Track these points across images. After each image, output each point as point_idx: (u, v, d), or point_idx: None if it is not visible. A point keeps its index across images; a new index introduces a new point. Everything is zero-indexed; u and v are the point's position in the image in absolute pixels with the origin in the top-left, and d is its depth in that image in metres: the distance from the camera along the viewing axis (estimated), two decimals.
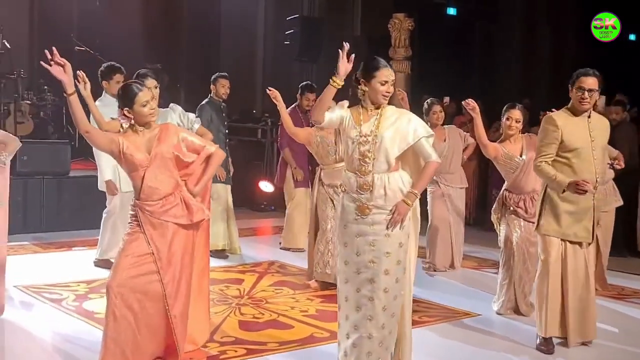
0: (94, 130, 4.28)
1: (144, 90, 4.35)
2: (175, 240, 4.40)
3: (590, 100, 5.05)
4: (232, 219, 8.01)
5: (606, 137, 5.21)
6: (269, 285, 6.84)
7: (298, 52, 12.19)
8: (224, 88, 7.91)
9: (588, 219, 5.16)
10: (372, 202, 4.29)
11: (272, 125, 11.52)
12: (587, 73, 5.08)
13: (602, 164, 5.18)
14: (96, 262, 7.25)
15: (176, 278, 4.41)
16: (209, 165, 4.59)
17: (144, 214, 4.33)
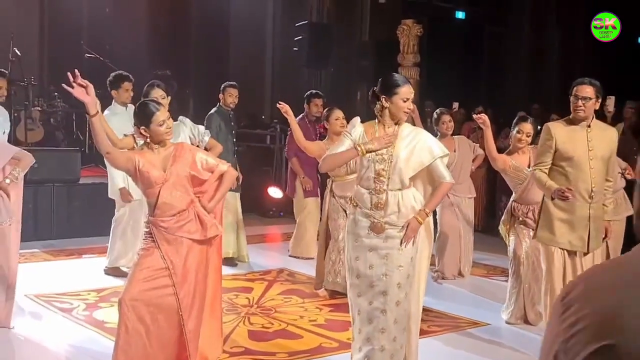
0: (114, 150, 4.30)
1: (161, 109, 4.39)
2: (190, 256, 4.43)
3: (586, 108, 5.05)
4: (241, 227, 8.05)
5: (609, 148, 5.15)
6: (278, 294, 6.86)
7: (306, 58, 12.23)
8: (232, 97, 7.95)
9: (583, 229, 5.14)
10: (385, 219, 4.34)
11: (280, 131, 11.53)
12: (583, 82, 5.12)
13: (599, 174, 5.10)
14: (106, 270, 7.29)
15: (191, 293, 4.43)
16: (222, 183, 4.62)
17: (158, 230, 4.36)
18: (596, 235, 5.19)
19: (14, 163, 5.29)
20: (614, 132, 5.28)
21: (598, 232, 5.21)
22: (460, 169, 7.73)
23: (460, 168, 7.72)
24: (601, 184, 5.13)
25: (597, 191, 5.11)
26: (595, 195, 5.11)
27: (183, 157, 4.41)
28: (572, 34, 16.08)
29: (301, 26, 12.59)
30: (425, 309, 6.40)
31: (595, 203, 5.12)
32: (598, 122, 5.29)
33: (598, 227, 5.20)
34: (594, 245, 5.18)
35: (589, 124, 5.13)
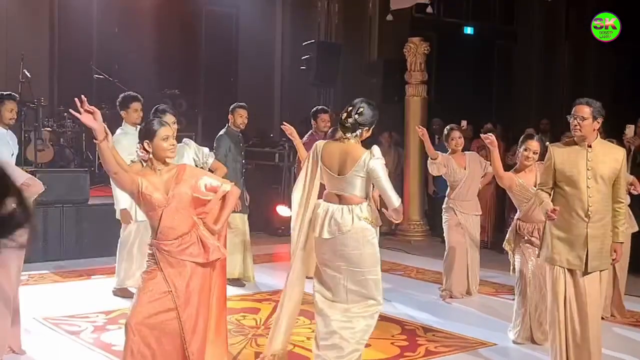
0: (121, 172, 4.32)
1: (166, 126, 4.44)
2: (193, 279, 4.44)
3: (582, 127, 5.09)
4: (247, 248, 8.06)
5: (611, 168, 5.13)
6: None
7: (314, 76, 12.28)
8: (242, 118, 7.97)
9: (580, 248, 5.12)
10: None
11: (289, 150, 11.56)
12: (580, 102, 5.18)
13: (599, 194, 5.09)
14: (115, 291, 7.32)
15: (194, 315, 4.44)
16: (226, 203, 4.63)
17: (161, 253, 4.38)
18: (598, 255, 5.15)
19: (24, 189, 5.31)
20: (619, 152, 5.26)
21: (601, 252, 5.16)
22: (469, 185, 7.73)
23: (469, 185, 7.73)
24: (601, 203, 5.12)
25: (594, 210, 5.09)
26: (593, 214, 5.09)
27: (185, 179, 4.43)
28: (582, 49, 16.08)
29: (309, 45, 12.65)
30: (433, 329, 6.47)
31: (594, 223, 5.11)
32: (603, 142, 5.31)
33: (601, 247, 5.16)
34: (595, 265, 5.14)
35: (589, 144, 5.14)
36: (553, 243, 5.20)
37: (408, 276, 8.90)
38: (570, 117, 5.17)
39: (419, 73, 11.41)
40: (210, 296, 4.62)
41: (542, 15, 15.55)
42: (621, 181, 5.20)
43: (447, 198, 7.82)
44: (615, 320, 7.03)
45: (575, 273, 5.18)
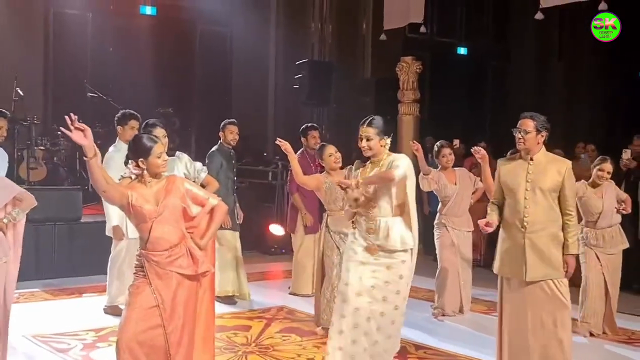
0: (109, 188, 4.30)
1: (158, 142, 4.45)
2: (179, 291, 4.43)
3: (525, 141, 5.21)
4: (240, 266, 8.04)
5: (553, 180, 5.19)
6: (277, 332, 6.84)
7: (307, 95, 12.31)
8: (233, 134, 7.98)
9: (520, 257, 5.21)
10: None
11: (282, 168, 11.57)
12: (524, 116, 5.32)
13: (536, 206, 5.18)
14: (105, 309, 7.29)
15: (179, 328, 4.43)
16: (213, 218, 4.63)
17: (149, 263, 4.37)
18: (540, 265, 5.19)
19: (17, 204, 5.29)
20: (563, 164, 5.25)
21: (543, 262, 5.19)
22: (460, 201, 7.75)
23: (460, 200, 7.75)
24: (540, 214, 5.19)
25: (532, 221, 5.18)
26: (531, 225, 5.19)
27: (174, 190, 4.43)
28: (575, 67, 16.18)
29: (302, 64, 12.69)
30: (425, 347, 6.46)
31: (532, 233, 5.19)
32: (549, 155, 5.37)
33: (542, 257, 5.20)
34: (536, 275, 5.19)
35: (531, 157, 5.25)
36: (499, 254, 5.39)
37: None
38: (515, 130, 5.28)
39: (411, 92, 11.45)
40: (196, 310, 4.61)
41: (534, 34, 15.63)
42: (567, 193, 5.22)
43: (438, 214, 7.84)
44: (606, 338, 7.02)
45: (521, 282, 5.26)
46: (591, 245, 7.05)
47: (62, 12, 13.40)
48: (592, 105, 15.53)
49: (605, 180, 7.05)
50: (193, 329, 4.58)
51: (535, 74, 16.17)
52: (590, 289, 7.04)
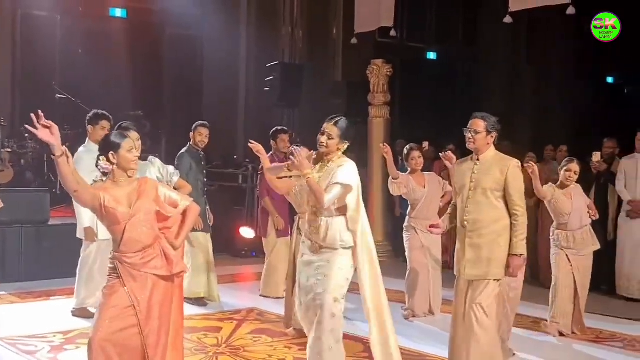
0: (81, 188, 4.24)
1: (128, 137, 4.41)
2: (155, 292, 4.39)
3: (475, 141, 5.29)
4: (211, 268, 8.02)
5: (496, 180, 5.23)
6: (248, 333, 6.82)
7: (278, 97, 12.30)
8: (202, 136, 7.95)
9: (462, 255, 5.34)
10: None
11: (253, 171, 11.55)
12: (476, 116, 5.39)
13: (478, 205, 5.24)
14: (74, 311, 7.21)
15: (156, 330, 4.38)
16: (186, 219, 4.59)
17: (123, 266, 4.32)
18: (478, 264, 5.26)
19: None
20: (507, 164, 5.27)
21: (482, 261, 5.25)
22: (429, 204, 7.78)
23: (429, 203, 7.78)
24: (481, 213, 5.24)
25: (472, 220, 5.25)
26: (471, 224, 5.25)
27: (147, 192, 4.38)
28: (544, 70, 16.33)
29: (273, 66, 12.69)
30: None
31: (473, 232, 5.26)
32: (498, 155, 5.39)
33: (481, 256, 5.26)
34: (473, 274, 5.28)
35: (478, 157, 5.32)
36: (453, 253, 5.52)
37: None
38: (466, 130, 5.34)
39: (382, 95, 11.49)
40: (170, 311, 4.57)
41: (504, 38, 15.76)
42: (511, 192, 5.23)
43: (408, 217, 7.88)
44: (575, 337, 7.09)
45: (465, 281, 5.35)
46: (562, 246, 7.11)
47: (30, 13, 13.26)
48: (562, 109, 15.69)
49: (573, 181, 7.12)
50: (168, 330, 4.53)
51: (504, 78, 16.29)
52: (560, 290, 7.09)
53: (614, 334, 7.25)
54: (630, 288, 8.79)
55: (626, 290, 8.82)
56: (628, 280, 8.82)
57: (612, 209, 9.14)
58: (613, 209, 9.13)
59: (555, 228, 7.20)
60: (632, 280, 8.79)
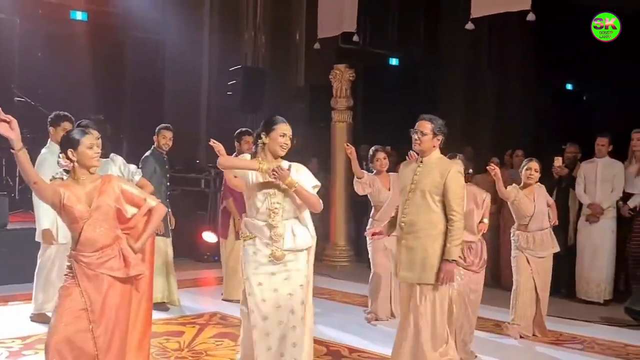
0: (41, 181, 4.19)
1: (89, 134, 4.36)
2: (110, 294, 4.33)
3: (421, 142, 5.28)
4: (171, 272, 7.96)
5: (434, 183, 5.22)
6: (210, 337, 6.78)
7: (241, 102, 12.27)
8: (165, 139, 7.92)
9: (397, 254, 5.37)
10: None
11: (215, 175, 11.50)
12: (423, 117, 5.37)
13: (416, 207, 5.24)
14: (32, 317, 7.11)
15: (108, 332, 4.32)
16: (150, 220, 4.53)
17: (79, 265, 4.27)
18: (411, 267, 5.24)
19: None
20: (448, 167, 5.28)
21: (415, 264, 5.23)
22: (393, 207, 7.77)
23: (393, 206, 7.77)
24: (417, 215, 5.24)
25: (409, 222, 5.25)
26: (407, 226, 5.25)
27: (109, 190, 4.33)
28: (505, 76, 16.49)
29: (235, 70, 12.65)
30: (358, 350, 6.47)
31: (408, 234, 5.26)
32: (442, 158, 5.38)
33: (414, 259, 5.24)
34: (406, 276, 5.27)
35: (421, 160, 5.33)
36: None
37: (333, 300, 8.90)
38: (412, 131, 5.34)
39: (344, 99, 11.51)
40: (130, 315, 4.51)
41: (465, 44, 15.88)
42: (449, 196, 5.21)
43: (371, 219, 7.87)
44: (536, 339, 7.15)
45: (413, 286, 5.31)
46: (522, 248, 7.17)
47: None
48: (522, 114, 15.86)
49: (534, 180, 7.19)
50: (125, 335, 4.47)
51: (465, 83, 16.42)
52: (521, 292, 7.15)
53: (574, 336, 7.33)
54: (589, 291, 8.90)
55: (585, 293, 8.93)
56: (587, 283, 8.92)
57: (573, 213, 9.24)
58: (574, 213, 9.23)
59: (515, 229, 7.27)
60: (590, 284, 8.90)
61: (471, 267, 6.29)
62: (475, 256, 6.32)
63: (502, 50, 16.41)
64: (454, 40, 15.88)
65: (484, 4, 9.63)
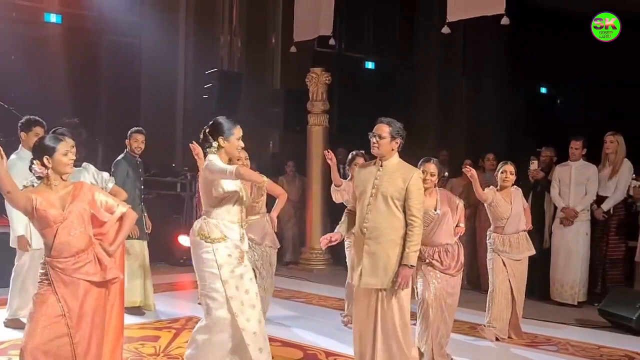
0: (15, 190, 4.17)
1: (64, 140, 4.36)
2: (87, 299, 4.32)
3: (380, 146, 5.22)
4: (147, 276, 7.92)
5: (397, 188, 5.18)
6: (186, 342, 6.66)
7: (217, 105, 12.24)
8: (137, 143, 7.88)
9: (359, 263, 5.24)
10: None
11: (191, 179, 11.48)
12: (381, 121, 5.31)
13: (378, 212, 5.17)
14: (6, 322, 7.04)
15: (86, 337, 4.32)
16: (122, 225, 4.55)
17: (55, 271, 4.25)
18: (373, 272, 5.19)
19: None
20: (410, 173, 5.25)
21: (378, 270, 5.19)
22: None
23: None
24: (380, 221, 5.18)
25: (371, 227, 5.18)
26: (370, 231, 5.18)
27: (82, 195, 4.34)
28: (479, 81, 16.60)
29: (211, 74, 12.63)
30: (335, 354, 6.49)
31: (370, 239, 5.19)
32: (402, 163, 5.34)
33: (377, 265, 5.20)
34: (369, 282, 5.21)
35: (382, 163, 5.27)
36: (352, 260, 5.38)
37: (310, 303, 8.90)
38: (370, 135, 5.29)
39: (320, 102, 11.54)
40: (105, 319, 4.50)
41: (439, 49, 15.97)
42: (410, 203, 5.18)
43: None
44: (512, 342, 7.20)
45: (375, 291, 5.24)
46: (498, 250, 7.21)
47: None
48: (497, 118, 15.96)
49: (510, 182, 7.24)
50: (101, 339, 4.47)
51: (440, 88, 16.50)
52: (497, 295, 7.18)
53: (548, 338, 7.39)
54: (563, 293, 8.97)
55: (559, 295, 9.00)
56: (561, 285, 9.00)
57: (549, 216, 9.30)
58: (549, 216, 9.29)
59: (491, 231, 7.31)
60: (564, 286, 8.97)
61: (448, 271, 6.29)
62: (452, 259, 6.33)
63: (476, 54, 16.52)
64: (428, 44, 15.99)
65: (459, 8, 9.71)
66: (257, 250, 7.17)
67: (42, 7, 13.51)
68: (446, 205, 6.32)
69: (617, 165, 8.96)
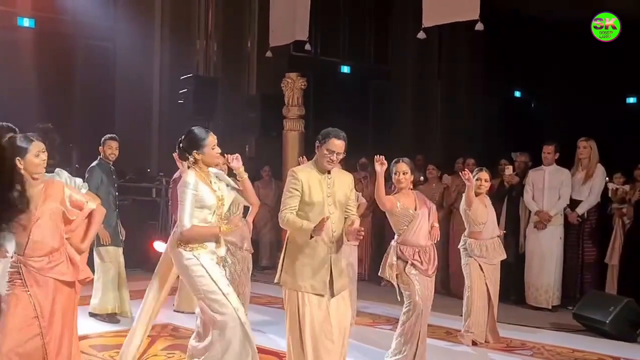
0: None
1: (36, 141, 4.36)
2: (57, 298, 4.34)
3: (335, 161, 5.21)
4: (123, 283, 7.88)
5: (344, 193, 5.26)
6: (162, 349, 6.72)
7: (192, 110, 12.21)
8: (111, 149, 7.86)
9: (325, 272, 5.15)
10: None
11: (167, 184, 11.42)
12: (338, 136, 5.22)
13: (339, 219, 5.20)
14: None
15: (57, 337, 4.33)
16: (91, 222, 4.58)
17: (28, 270, 4.25)
18: (341, 277, 5.26)
19: None
20: (349, 178, 5.39)
21: (342, 273, 5.28)
22: None
23: None
24: (340, 228, 5.23)
25: (337, 236, 5.21)
26: (336, 239, 5.20)
27: (54, 194, 4.36)
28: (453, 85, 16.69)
29: (187, 79, 12.59)
30: None
31: (335, 246, 5.22)
32: (337, 169, 5.41)
33: (342, 269, 5.30)
34: (339, 287, 5.23)
35: (329, 171, 5.25)
36: (297, 269, 5.18)
37: None
38: (326, 149, 5.19)
39: (296, 108, 11.54)
40: (74, 318, 4.51)
41: (414, 54, 16.03)
42: (350, 204, 5.33)
43: None
44: (489, 346, 7.24)
45: (320, 297, 5.18)
46: (475, 255, 7.24)
47: None
48: (472, 123, 16.04)
49: (485, 189, 7.32)
50: (71, 338, 4.48)
51: (415, 92, 16.55)
52: (475, 299, 7.21)
53: (523, 342, 7.44)
54: (538, 297, 9.03)
55: (534, 299, 9.06)
56: (536, 289, 9.06)
57: (524, 221, 9.35)
58: (524, 221, 9.35)
59: (467, 237, 7.34)
60: (539, 290, 9.03)
61: (427, 272, 6.31)
62: (428, 261, 6.35)
63: (451, 60, 16.60)
64: (404, 49, 16.04)
65: (434, 14, 9.75)
66: (237, 255, 7.17)
67: (15, 11, 13.38)
68: (423, 206, 6.36)
69: (590, 169, 9.05)
